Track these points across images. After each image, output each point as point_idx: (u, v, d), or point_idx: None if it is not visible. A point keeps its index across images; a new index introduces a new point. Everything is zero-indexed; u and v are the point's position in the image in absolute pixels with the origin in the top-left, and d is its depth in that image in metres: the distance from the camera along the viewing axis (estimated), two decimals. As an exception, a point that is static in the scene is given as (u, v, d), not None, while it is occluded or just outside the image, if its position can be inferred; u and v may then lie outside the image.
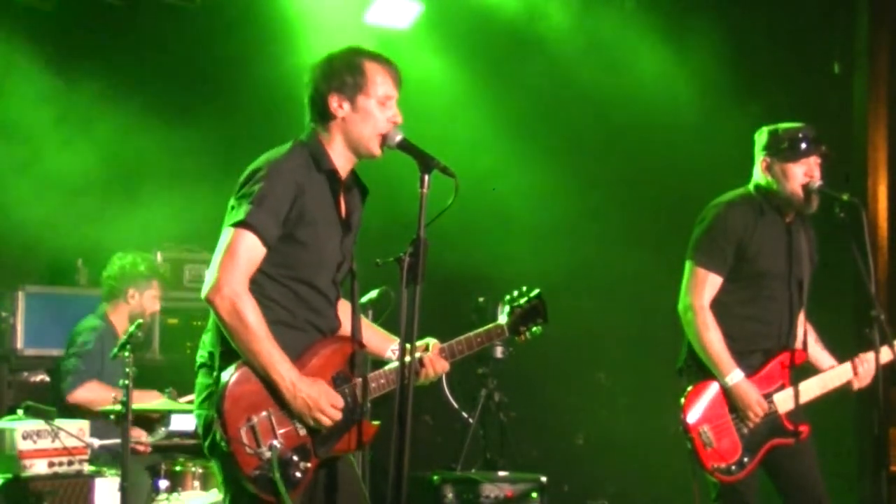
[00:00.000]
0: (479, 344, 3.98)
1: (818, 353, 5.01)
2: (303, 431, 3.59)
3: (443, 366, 3.86)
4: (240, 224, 3.54)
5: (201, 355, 3.67)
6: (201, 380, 3.64)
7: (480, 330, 4.01)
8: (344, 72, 3.70)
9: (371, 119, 3.69)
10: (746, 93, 7.40)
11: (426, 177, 3.52)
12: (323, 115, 3.73)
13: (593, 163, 8.14)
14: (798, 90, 7.19)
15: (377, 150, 3.72)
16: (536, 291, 4.10)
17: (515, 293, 4.11)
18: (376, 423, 3.77)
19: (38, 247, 6.83)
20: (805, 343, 4.91)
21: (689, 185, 6.99)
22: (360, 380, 3.72)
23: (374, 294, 5.39)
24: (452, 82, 7.70)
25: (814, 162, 4.84)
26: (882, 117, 7.54)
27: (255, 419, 3.51)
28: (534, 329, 4.09)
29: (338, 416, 3.61)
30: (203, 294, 3.55)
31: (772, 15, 7.58)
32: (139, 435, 5.91)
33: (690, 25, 7.70)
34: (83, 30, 7.02)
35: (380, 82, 3.71)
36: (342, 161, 3.74)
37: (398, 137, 3.66)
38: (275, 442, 3.52)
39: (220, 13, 7.13)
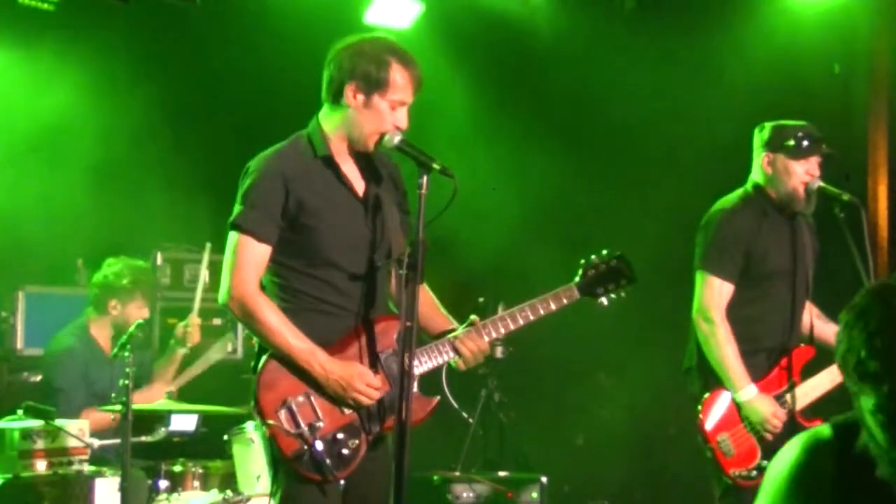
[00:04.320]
0: (546, 309, 3.85)
1: (824, 329, 5.00)
2: (348, 410, 3.64)
3: (479, 345, 3.76)
4: (233, 226, 3.65)
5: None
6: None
7: (549, 294, 3.88)
8: (370, 65, 3.69)
9: (378, 120, 3.71)
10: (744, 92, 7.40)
11: (425, 177, 3.53)
12: (335, 99, 3.75)
13: (595, 162, 8.14)
14: (798, 90, 7.18)
15: (370, 148, 3.75)
16: (618, 252, 3.98)
17: (594, 256, 3.97)
18: (436, 397, 3.77)
19: (38, 247, 6.82)
20: (811, 336, 4.90)
21: (691, 187, 6.99)
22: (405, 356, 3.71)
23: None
24: (453, 81, 7.70)
25: (815, 161, 4.83)
26: (882, 117, 7.53)
27: (292, 402, 3.59)
28: (617, 290, 3.96)
29: (375, 395, 3.64)
30: (220, 301, 3.68)
31: (772, 15, 7.58)
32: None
33: (688, 27, 7.70)
34: (81, 30, 7.00)
35: (400, 87, 3.71)
36: (340, 148, 3.76)
37: (397, 139, 3.68)
38: (318, 423, 3.57)
39: (219, 13, 7.12)
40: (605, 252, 3.99)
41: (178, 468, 5.61)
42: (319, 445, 3.54)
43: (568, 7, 7.81)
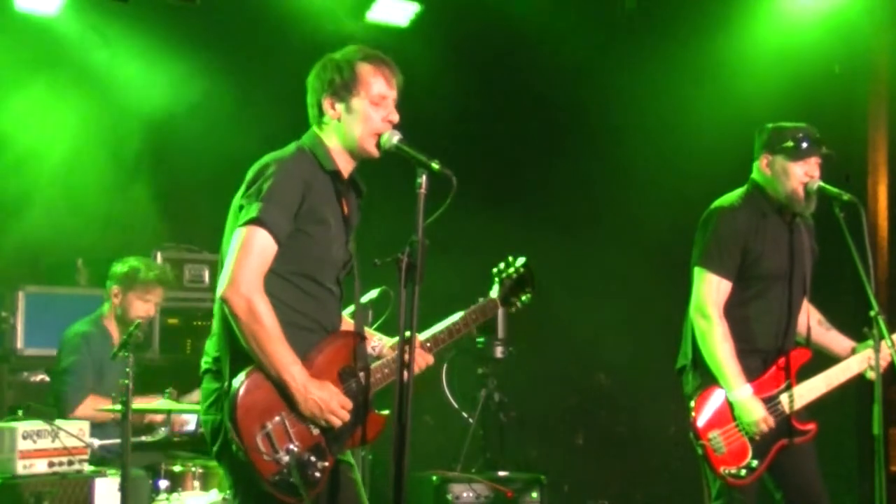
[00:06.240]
0: (474, 321, 4.01)
1: (825, 335, 5.00)
2: (315, 431, 3.61)
3: (426, 359, 3.85)
4: (253, 222, 3.55)
5: (206, 361, 3.68)
6: (207, 385, 3.65)
7: (474, 306, 4.04)
8: (335, 74, 3.73)
9: (365, 120, 3.71)
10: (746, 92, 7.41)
11: (424, 177, 3.53)
12: (320, 118, 3.77)
13: (594, 162, 8.15)
14: (798, 90, 7.19)
15: (374, 151, 3.74)
16: (523, 260, 4.14)
17: (502, 265, 4.14)
18: (385, 412, 3.76)
19: (38, 247, 6.83)
20: (808, 339, 4.91)
21: (691, 187, 7.00)
22: (364, 373, 3.73)
23: (373, 294, 5.39)
24: (453, 80, 7.71)
25: (814, 162, 4.82)
26: (882, 117, 7.54)
27: (269, 425, 3.52)
28: (523, 298, 4.13)
29: (347, 416, 3.63)
30: (218, 293, 3.55)
31: (772, 15, 7.59)
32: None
33: (688, 28, 7.71)
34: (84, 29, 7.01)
35: (373, 83, 3.72)
36: (343, 162, 3.77)
37: (395, 139, 3.68)
38: (291, 446, 3.54)
39: (219, 13, 7.13)
40: (511, 258, 4.15)
41: (178, 468, 5.61)
42: (295, 467, 3.51)
43: (568, 7, 7.81)
